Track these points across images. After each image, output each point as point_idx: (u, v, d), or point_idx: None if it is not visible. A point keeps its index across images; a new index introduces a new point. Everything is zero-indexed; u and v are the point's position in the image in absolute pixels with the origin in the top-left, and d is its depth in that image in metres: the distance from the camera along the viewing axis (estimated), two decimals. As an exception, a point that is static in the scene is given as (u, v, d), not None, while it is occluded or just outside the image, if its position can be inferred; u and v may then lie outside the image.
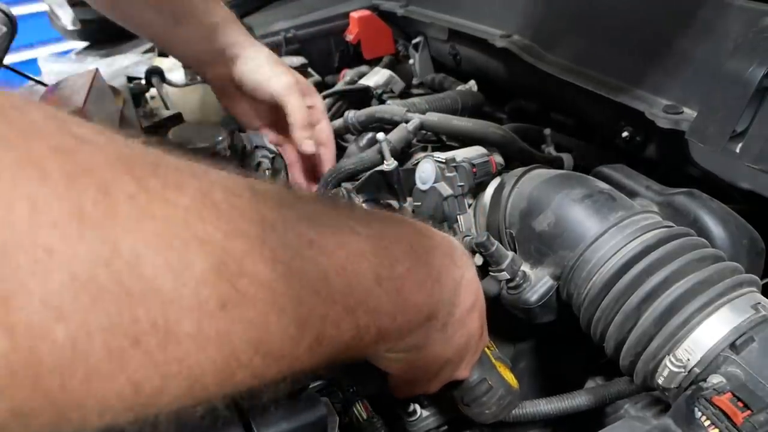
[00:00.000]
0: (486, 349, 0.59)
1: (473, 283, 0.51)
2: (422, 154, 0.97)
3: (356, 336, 0.36)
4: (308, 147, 0.90)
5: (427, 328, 0.45)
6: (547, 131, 0.98)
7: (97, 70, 0.91)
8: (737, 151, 0.63)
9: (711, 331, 0.48)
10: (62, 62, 1.39)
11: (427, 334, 0.46)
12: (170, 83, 1.22)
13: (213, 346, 0.27)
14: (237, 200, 0.30)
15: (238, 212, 0.29)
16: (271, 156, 0.84)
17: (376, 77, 1.29)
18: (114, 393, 0.24)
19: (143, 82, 1.17)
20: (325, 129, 0.96)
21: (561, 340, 0.75)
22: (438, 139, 0.99)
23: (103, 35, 1.50)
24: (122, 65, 1.29)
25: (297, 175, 0.99)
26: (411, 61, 1.48)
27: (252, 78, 0.91)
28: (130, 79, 1.19)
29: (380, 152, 0.89)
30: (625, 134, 0.87)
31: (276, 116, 0.95)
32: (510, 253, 0.62)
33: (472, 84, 1.24)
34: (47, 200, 0.22)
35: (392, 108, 1.02)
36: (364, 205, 0.88)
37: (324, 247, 0.34)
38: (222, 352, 0.28)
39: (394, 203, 0.93)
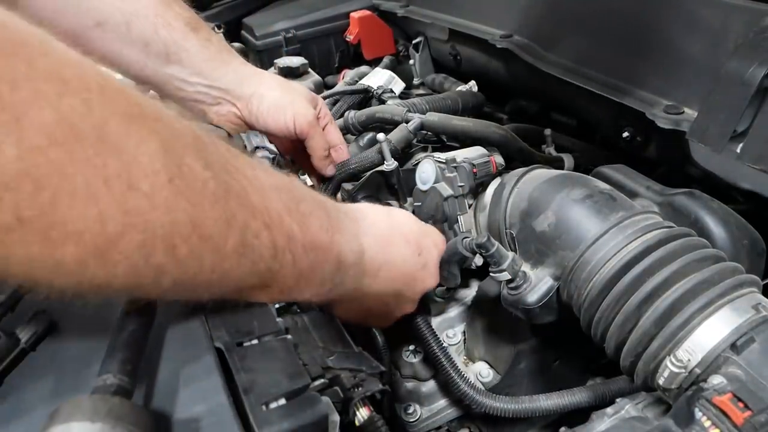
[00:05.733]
0: None
1: (383, 236, 0.61)
2: (422, 155, 0.97)
3: (275, 257, 0.44)
4: (330, 171, 0.92)
5: (343, 276, 0.55)
6: (548, 131, 0.98)
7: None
8: (738, 151, 0.63)
9: (711, 332, 0.48)
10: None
11: (344, 280, 0.55)
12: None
13: (162, 210, 0.35)
14: (178, 122, 0.39)
15: (179, 126, 0.39)
16: (271, 156, 0.84)
17: (376, 77, 1.29)
18: (89, 219, 0.31)
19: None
20: (333, 132, 0.95)
21: (561, 340, 0.75)
22: (438, 140, 0.99)
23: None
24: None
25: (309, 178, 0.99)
26: (411, 62, 1.48)
27: (271, 118, 0.85)
28: None
29: (380, 152, 0.89)
30: (625, 134, 0.87)
31: (290, 142, 0.93)
32: (510, 254, 0.62)
33: (473, 84, 1.24)
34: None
35: (392, 108, 1.02)
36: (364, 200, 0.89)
37: (243, 172, 0.43)
38: (168, 218, 0.35)
39: (395, 203, 0.93)
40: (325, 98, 1.26)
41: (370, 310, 0.62)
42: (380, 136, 0.89)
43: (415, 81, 1.45)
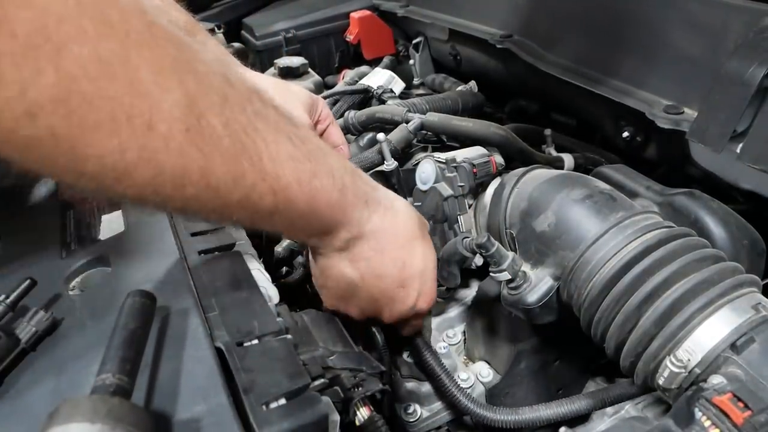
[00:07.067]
0: None
1: (394, 226, 0.62)
2: (422, 155, 0.97)
3: (273, 214, 0.48)
4: None
5: (327, 245, 0.59)
6: (548, 131, 0.98)
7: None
8: (738, 151, 0.63)
9: (711, 332, 0.48)
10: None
11: (327, 245, 0.59)
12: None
13: (175, 153, 0.39)
14: (212, 79, 0.41)
15: (210, 83, 0.41)
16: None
17: (376, 77, 1.29)
18: (109, 147, 0.36)
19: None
20: (335, 132, 0.95)
21: (561, 340, 0.75)
22: (438, 140, 0.99)
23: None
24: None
25: None
26: (411, 62, 1.48)
27: None
28: None
29: (380, 152, 0.89)
30: (625, 134, 0.87)
31: None
32: (510, 254, 0.62)
33: (473, 84, 1.24)
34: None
35: (392, 108, 1.02)
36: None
37: (264, 137, 0.45)
38: (180, 161, 0.39)
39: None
40: (325, 98, 1.26)
41: (327, 280, 0.65)
42: (380, 136, 0.89)
43: (415, 81, 1.45)
